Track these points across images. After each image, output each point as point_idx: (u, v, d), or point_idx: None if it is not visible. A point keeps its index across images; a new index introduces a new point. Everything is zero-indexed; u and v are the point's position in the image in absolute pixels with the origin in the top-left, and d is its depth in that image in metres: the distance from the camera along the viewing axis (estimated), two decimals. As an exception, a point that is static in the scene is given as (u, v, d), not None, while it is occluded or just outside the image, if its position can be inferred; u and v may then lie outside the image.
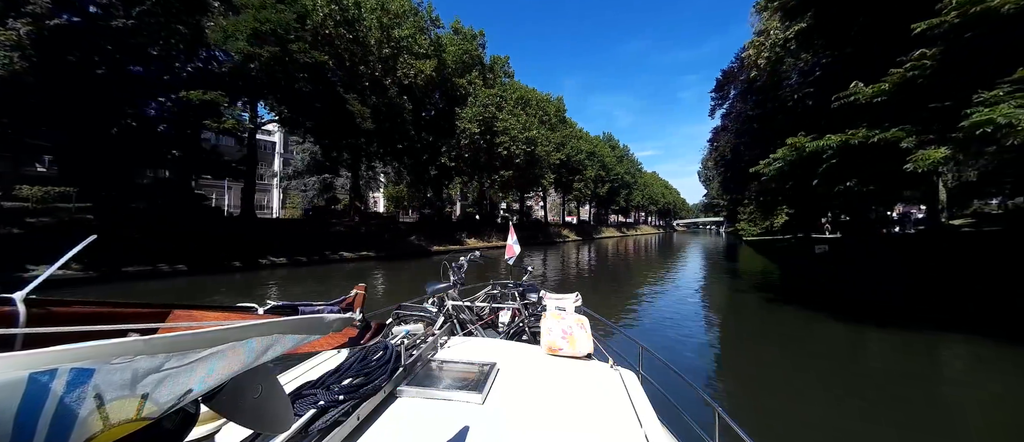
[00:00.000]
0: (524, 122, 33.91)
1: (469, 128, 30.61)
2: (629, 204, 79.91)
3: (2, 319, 0.48)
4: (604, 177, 59.70)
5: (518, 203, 51.44)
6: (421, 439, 1.37)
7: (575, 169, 50.92)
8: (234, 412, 0.72)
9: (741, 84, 24.73)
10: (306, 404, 1.37)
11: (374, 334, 1.02)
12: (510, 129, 32.61)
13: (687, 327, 8.58)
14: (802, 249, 25.63)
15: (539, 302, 3.39)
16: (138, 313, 0.61)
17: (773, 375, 5.95)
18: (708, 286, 15.49)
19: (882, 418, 4.43)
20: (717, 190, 65.17)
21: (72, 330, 0.48)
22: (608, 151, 63.94)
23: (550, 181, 42.78)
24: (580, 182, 53.36)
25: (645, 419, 1.55)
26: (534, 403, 1.67)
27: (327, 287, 14.26)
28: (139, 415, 0.48)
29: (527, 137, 33.47)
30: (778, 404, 4.91)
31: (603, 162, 59.20)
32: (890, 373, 5.99)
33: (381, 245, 25.49)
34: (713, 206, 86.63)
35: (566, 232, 52.59)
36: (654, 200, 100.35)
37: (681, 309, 10.52)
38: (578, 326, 2.30)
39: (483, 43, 34.23)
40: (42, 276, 0.55)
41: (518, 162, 33.78)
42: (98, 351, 0.42)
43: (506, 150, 32.66)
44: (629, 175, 73.71)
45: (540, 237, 44.39)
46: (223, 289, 13.98)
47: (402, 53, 26.14)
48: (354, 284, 1.07)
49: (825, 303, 10.29)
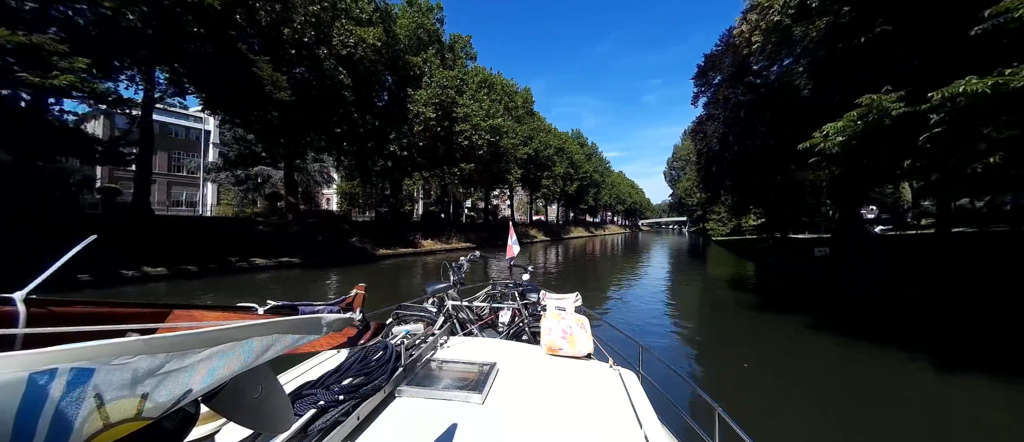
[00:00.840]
0: (488, 109, 30.01)
1: (424, 113, 26.35)
2: (597, 203, 78.55)
3: (2, 319, 0.48)
4: (573, 175, 57.53)
5: (483, 201, 47.53)
6: (421, 439, 1.36)
7: (543, 165, 47.78)
8: (234, 412, 0.72)
9: (728, 69, 22.02)
10: (306, 404, 1.37)
11: (374, 334, 1.02)
12: (471, 116, 28.61)
13: (686, 334, 8.51)
14: (781, 249, 23.46)
15: (539, 302, 3.29)
16: (138, 313, 0.60)
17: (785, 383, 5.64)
18: (706, 293, 14.52)
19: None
20: (694, 185, 64.10)
21: (72, 330, 0.48)
22: (577, 148, 61.69)
23: (517, 177, 39.09)
24: (549, 179, 50.39)
25: (645, 419, 1.55)
26: (534, 403, 1.66)
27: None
28: (139, 415, 0.47)
29: (491, 126, 29.59)
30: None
31: (572, 159, 57.00)
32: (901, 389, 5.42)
33: (312, 249, 20.77)
34: (680, 206, 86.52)
35: (534, 232, 49.26)
36: (621, 199, 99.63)
37: (676, 315, 10.46)
38: (578, 326, 2.29)
39: (441, 18, 30.10)
40: (42, 276, 0.53)
41: (481, 154, 29.82)
42: (98, 351, 0.42)
43: (467, 140, 28.64)
44: (598, 174, 72.07)
45: (505, 236, 40.62)
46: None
47: (339, 17, 21.52)
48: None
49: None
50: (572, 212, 76.72)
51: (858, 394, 5.16)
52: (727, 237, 45.69)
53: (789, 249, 23.76)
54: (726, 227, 46.92)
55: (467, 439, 1.37)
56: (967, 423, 4.58)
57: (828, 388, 5.43)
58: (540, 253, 31.69)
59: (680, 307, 11.57)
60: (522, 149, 39.02)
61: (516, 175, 38.64)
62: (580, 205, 70.49)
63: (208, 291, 13.68)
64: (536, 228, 52.26)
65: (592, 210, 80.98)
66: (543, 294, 2.95)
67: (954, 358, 6.40)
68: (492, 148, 31.01)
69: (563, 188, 54.90)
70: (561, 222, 70.43)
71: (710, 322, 9.98)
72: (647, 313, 10.31)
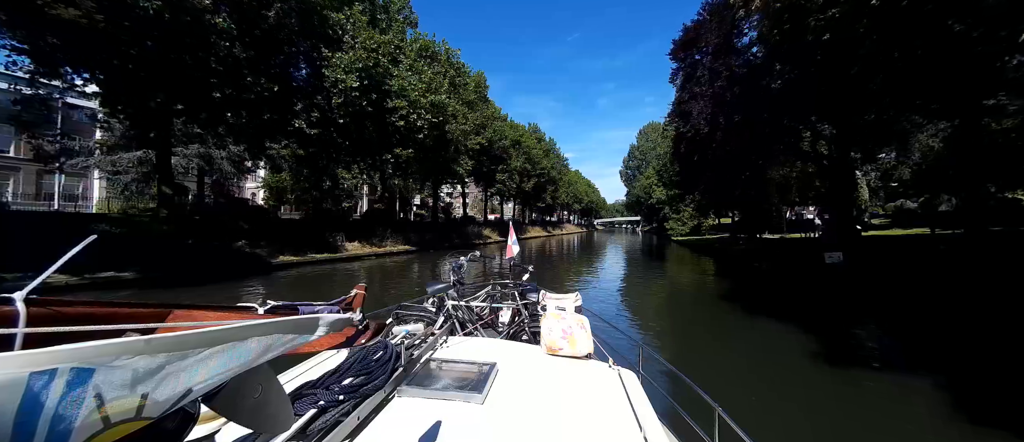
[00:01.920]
0: (430, 82, 24.75)
1: (344, 82, 20.67)
2: (555, 202, 74.90)
3: (2, 319, 0.48)
4: (530, 171, 53.11)
5: (433, 197, 42.12)
6: (421, 439, 1.36)
7: (498, 158, 42.80)
8: (234, 412, 0.71)
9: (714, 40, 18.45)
10: (306, 404, 1.37)
11: (374, 334, 1.02)
12: (408, 90, 23.24)
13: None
14: (764, 254, 20.36)
15: (539, 302, 3.19)
16: (138, 313, 0.60)
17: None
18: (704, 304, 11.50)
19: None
20: (654, 183, 61.63)
21: (72, 330, 0.48)
22: (534, 143, 57.37)
23: (467, 169, 34.01)
24: (504, 173, 45.51)
25: (645, 419, 1.54)
26: (534, 403, 1.66)
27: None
28: (139, 415, 0.47)
29: (433, 103, 24.39)
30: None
31: (529, 154, 52.65)
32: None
33: (175, 258, 14.64)
34: (637, 204, 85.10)
35: (488, 232, 44.20)
36: (578, 198, 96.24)
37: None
38: (578, 326, 2.29)
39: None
40: (42, 276, 0.54)
41: (422, 139, 24.51)
42: (98, 351, 0.42)
43: (403, 120, 23.24)
44: (555, 170, 68.40)
45: (454, 238, 35.42)
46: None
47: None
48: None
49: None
50: (531, 211, 72.72)
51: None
52: (687, 237, 43.23)
53: (772, 252, 20.68)
54: (685, 226, 44.82)
55: (467, 439, 1.38)
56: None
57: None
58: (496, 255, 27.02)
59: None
60: (474, 139, 34.20)
61: (466, 167, 33.57)
62: (537, 203, 66.18)
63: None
64: (490, 228, 47.38)
65: (549, 208, 76.78)
66: (543, 294, 2.92)
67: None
68: (436, 132, 25.83)
69: (520, 184, 50.47)
70: (520, 221, 66.06)
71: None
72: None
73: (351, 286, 1.16)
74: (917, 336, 7.99)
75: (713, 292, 13.27)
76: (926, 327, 8.56)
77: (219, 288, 13.46)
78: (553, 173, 65.44)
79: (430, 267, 20.71)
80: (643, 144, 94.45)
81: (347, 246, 23.29)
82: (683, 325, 9.37)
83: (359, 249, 23.66)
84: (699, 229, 43.67)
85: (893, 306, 10.14)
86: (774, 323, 8.65)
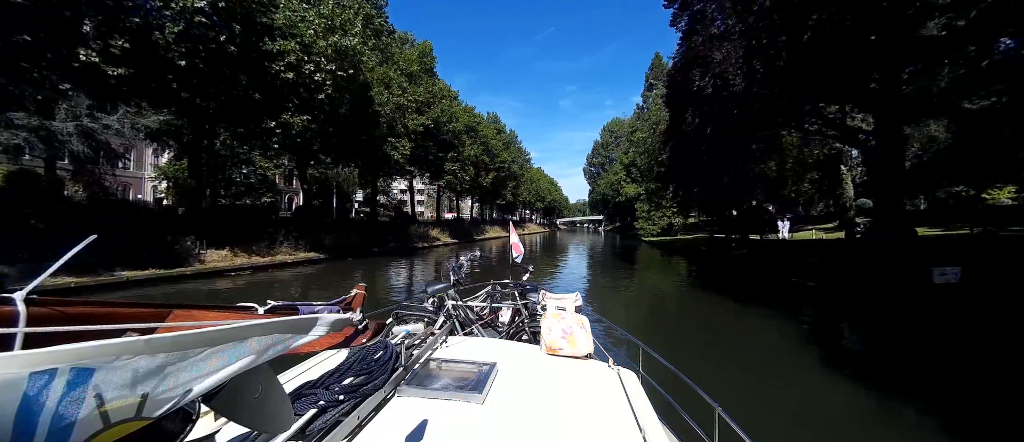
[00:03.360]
0: (332, 17, 17.51)
1: (186, 5, 13.17)
2: (517, 199, 67.83)
3: (2, 319, 0.47)
4: (488, 164, 46.39)
5: (379, 192, 34.85)
6: (421, 439, 1.35)
7: (447, 144, 35.60)
8: (234, 412, 0.70)
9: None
10: (306, 404, 1.37)
11: (374, 334, 1.01)
12: (299, 28, 16.07)
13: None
14: (775, 259, 15.23)
15: (539, 302, 3.17)
16: (138, 313, 0.60)
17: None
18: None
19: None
20: (622, 179, 56.54)
21: (72, 330, 0.48)
22: (493, 133, 50.78)
23: (405, 153, 26.81)
24: (454, 163, 38.53)
25: (645, 419, 1.54)
26: (534, 403, 1.64)
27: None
28: (139, 415, 0.47)
29: (339, 49, 17.25)
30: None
31: (487, 145, 45.92)
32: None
33: None
34: (603, 202, 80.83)
35: (437, 233, 37.09)
36: (541, 196, 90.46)
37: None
38: (578, 326, 2.28)
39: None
40: (43, 276, 0.53)
41: (324, 100, 17.29)
42: (99, 351, 0.42)
43: (293, 70, 15.97)
44: (517, 165, 62.26)
45: (390, 240, 28.22)
46: None
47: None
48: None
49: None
50: (491, 209, 65.90)
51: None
52: (658, 237, 38.26)
53: (786, 258, 15.65)
54: (656, 226, 39.80)
55: (467, 439, 1.37)
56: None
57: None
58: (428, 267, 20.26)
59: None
60: (416, 118, 27.39)
61: (403, 150, 26.37)
62: (497, 200, 58.81)
63: None
64: (440, 228, 40.07)
65: (510, 206, 69.31)
66: (543, 294, 2.89)
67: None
68: (350, 95, 18.73)
69: (475, 178, 43.42)
70: (474, 219, 58.70)
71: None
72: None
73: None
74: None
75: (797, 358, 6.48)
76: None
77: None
78: (514, 168, 59.41)
79: (323, 285, 13.89)
80: (606, 140, 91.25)
81: (206, 257, 15.65)
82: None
83: (227, 260, 16.07)
84: (671, 229, 39.00)
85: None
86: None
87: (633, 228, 48.51)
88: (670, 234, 38.27)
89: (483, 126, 47.40)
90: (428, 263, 21.35)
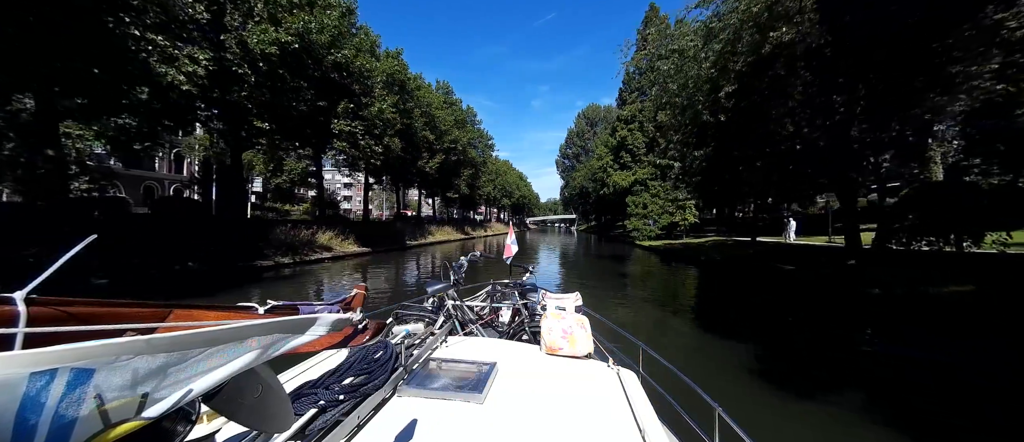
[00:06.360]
0: None
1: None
2: (475, 192, 52.36)
3: (2, 319, 0.48)
4: (434, 144, 34.02)
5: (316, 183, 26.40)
6: (421, 439, 1.34)
7: (332, 85, 20.15)
8: (234, 412, 0.71)
9: None
10: (306, 404, 1.36)
11: (374, 334, 1.01)
12: None
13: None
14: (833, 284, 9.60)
15: (539, 302, 3.22)
16: (138, 313, 0.60)
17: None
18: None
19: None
20: (610, 163, 41.00)
21: (72, 330, 0.48)
22: (442, 105, 37.77)
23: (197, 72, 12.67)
24: (370, 137, 21.95)
25: (645, 419, 1.53)
26: (534, 403, 1.64)
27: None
28: (139, 415, 0.47)
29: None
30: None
31: (432, 119, 33.49)
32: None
33: None
34: (582, 196, 71.37)
35: (329, 238, 20.49)
36: (508, 192, 76.50)
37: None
38: (578, 326, 2.28)
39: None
40: (43, 275, 0.53)
41: None
42: (99, 351, 0.42)
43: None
44: (475, 151, 49.09)
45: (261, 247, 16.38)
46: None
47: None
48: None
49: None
50: (446, 204, 52.56)
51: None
52: (657, 240, 29.07)
53: (851, 273, 10.28)
54: (658, 225, 31.05)
55: (467, 439, 1.36)
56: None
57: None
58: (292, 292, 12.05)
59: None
60: (264, 29, 15.25)
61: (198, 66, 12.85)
62: (448, 191, 44.17)
63: None
64: (341, 231, 22.13)
65: (469, 201, 53.99)
66: (543, 294, 2.89)
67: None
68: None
69: (425, 164, 32.70)
70: (424, 220, 43.62)
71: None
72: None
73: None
74: None
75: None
76: None
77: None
78: (472, 153, 46.42)
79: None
80: (582, 127, 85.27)
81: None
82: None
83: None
84: (674, 229, 30.36)
85: None
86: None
87: (615, 227, 40.08)
88: (671, 237, 29.65)
89: (427, 92, 34.20)
90: (304, 282, 12.66)
